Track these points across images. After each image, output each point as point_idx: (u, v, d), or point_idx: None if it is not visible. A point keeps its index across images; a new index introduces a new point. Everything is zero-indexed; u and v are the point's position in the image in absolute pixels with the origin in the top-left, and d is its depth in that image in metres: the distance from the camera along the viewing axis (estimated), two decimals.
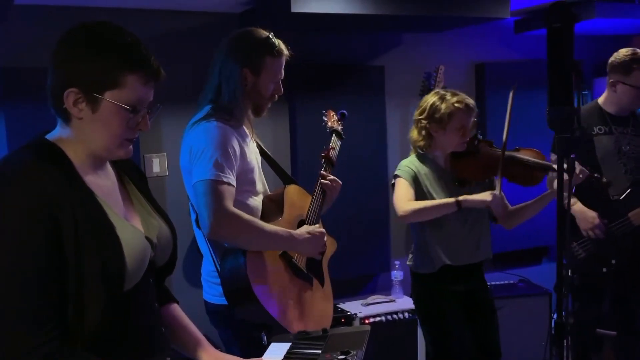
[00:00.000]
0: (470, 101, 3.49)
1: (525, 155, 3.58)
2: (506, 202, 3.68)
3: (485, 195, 3.39)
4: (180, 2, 4.21)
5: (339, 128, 3.31)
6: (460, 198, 3.38)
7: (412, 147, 3.66)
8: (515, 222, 3.72)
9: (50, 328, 1.60)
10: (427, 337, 3.69)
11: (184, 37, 4.44)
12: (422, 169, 3.53)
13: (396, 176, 3.54)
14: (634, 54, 3.88)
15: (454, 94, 3.49)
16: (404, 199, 3.45)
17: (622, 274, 4.01)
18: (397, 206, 3.45)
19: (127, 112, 1.72)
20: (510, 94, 3.46)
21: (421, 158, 3.58)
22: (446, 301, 3.57)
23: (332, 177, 3.08)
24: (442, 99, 3.48)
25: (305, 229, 2.86)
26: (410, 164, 3.56)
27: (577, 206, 3.95)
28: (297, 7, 3.89)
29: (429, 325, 3.66)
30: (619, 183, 3.90)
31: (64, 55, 1.71)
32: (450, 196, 3.46)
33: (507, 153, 3.49)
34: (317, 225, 2.92)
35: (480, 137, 3.64)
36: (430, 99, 3.52)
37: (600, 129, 3.99)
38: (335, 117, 3.36)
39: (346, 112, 3.43)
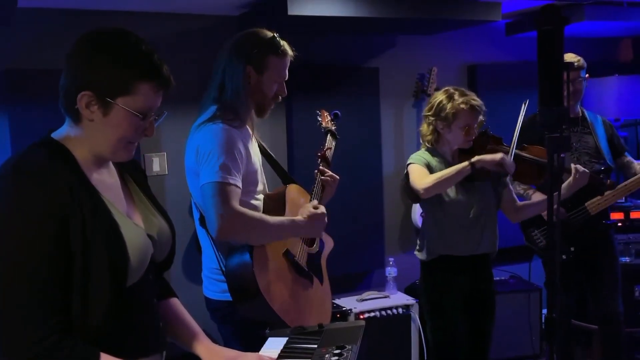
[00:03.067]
0: (477, 102, 3.51)
1: (532, 153, 3.63)
2: (514, 196, 3.75)
3: (496, 154, 3.39)
4: (180, 4, 4.20)
5: (333, 128, 3.32)
6: (474, 159, 3.38)
7: (422, 141, 3.69)
8: (521, 217, 3.79)
9: (54, 322, 1.62)
10: (427, 324, 3.71)
11: (183, 40, 4.43)
12: (432, 161, 3.56)
13: (409, 164, 3.57)
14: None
15: (462, 94, 3.51)
16: (421, 177, 3.46)
17: (585, 265, 4.11)
18: (416, 185, 3.43)
19: (137, 119, 1.75)
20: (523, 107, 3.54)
21: (431, 151, 3.62)
22: (445, 290, 3.59)
23: (330, 172, 3.09)
24: (450, 98, 3.50)
25: (305, 211, 2.83)
26: (421, 154, 3.60)
27: (536, 194, 4.03)
28: (293, 10, 3.89)
29: (429, 313, 3.68)
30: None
31: (81, 58, 1.73)
32: (459, 190, 3.51)
33: (515, 151, 3.53)
34: (313, 206, 2.88)
35: (490, 134, 3.66)
36: (439, 97, 3.55)
37: None
38: (329, 118, 3.37)
39: (339, 113, 3.43)
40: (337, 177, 3.12)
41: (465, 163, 3.38)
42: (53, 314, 1.62)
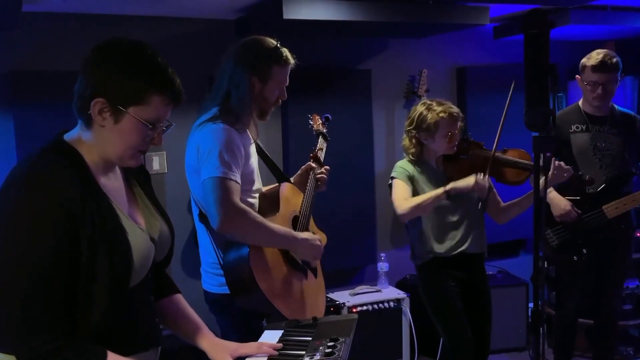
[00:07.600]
0: (454, 109, 3.55)
1: (512, 156, 3.61)
2: (498, 198, 3.75)
3: (469, 180, 3.40)
4: (177, 9, 4.19)
5: (324, 130, 3.36)
6: (447, 187, 3.40)
7: (405, 154, 3.68)
8: (506, 217, 3.77)
9: (61, 324, 1.62)
10: (439, 329, 3.66)
11: (181, 43, 4.42)
12: (415, 173, 3.58)
13: (392, 178, 3.59)
14: (595, 54, 3.91)
15: (439, 104, 3.55)
16: (401, 198, 3.49)
17: (597, 265, 4.03)
18: (395, 206, 3.49)
19: (146, 128, 1.75)
20: (507, 101, 3.52)
21: (414, 162, 3.62)
22: (444, 288, 3.59)
23: (322, 170, 3.15)
24: (429, 109, 3.53)
25: (308, 234, 2.88)
26: (405, 165, 3.61)
27: (552, 194, 3.98)
28: (289, 14, 3.88)
29: (437, 315, 3.66)
30: (594, 178, 3.90)
31: (98, 66, 1.73)
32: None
33: (495, 154, 3.52)
34: (317, 236, 2.94)
35: (471, 140, 3.67)
36: (418, 109, 3.58)
37: (577, 127, 4.01)
38: (320, 121, 3.41)
39: (330, 116, 3.48)
40: (328, 168, 3.21)
41: (440, 191, 3.41)
42: (60, 316, 1.62)
